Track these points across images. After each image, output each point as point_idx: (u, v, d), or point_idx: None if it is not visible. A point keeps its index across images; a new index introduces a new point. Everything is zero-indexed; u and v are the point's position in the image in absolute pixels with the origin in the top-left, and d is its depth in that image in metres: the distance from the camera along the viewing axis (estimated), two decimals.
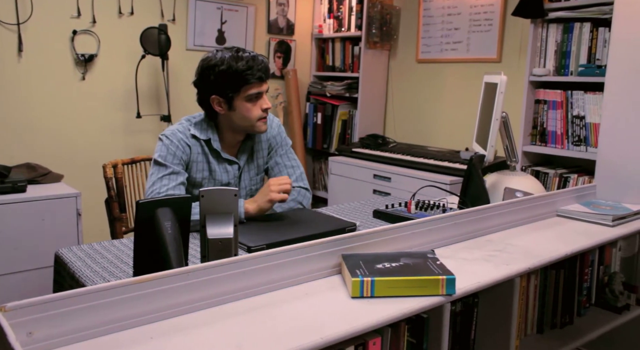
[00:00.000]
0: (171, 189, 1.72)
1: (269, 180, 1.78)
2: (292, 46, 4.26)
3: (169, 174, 1.75)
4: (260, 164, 1.97)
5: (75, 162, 3.32)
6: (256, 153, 1.96)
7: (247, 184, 1.95)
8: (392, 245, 1.28)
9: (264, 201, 1.72)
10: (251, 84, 1.77)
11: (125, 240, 1.59)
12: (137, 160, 2.25)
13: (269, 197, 1.72)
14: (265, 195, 1.73)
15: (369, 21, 3.82)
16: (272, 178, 1.80)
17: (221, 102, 1.79)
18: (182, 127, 1.84)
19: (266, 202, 1.72)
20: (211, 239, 1.06)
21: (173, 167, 1.76)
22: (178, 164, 1.78)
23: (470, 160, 1.91)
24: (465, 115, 3.54)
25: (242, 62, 1.75)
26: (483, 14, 3.37)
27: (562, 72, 2.79)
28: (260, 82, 1.79)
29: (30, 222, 2.65)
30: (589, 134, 2.67)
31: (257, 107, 1.80)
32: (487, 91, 2.11)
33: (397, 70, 4.02)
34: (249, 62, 1.75)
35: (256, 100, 1.80)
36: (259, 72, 1.77)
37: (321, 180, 4.39)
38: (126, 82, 3.45)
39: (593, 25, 2.66)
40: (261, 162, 1.98)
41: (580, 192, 1.97)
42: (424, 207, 1.85)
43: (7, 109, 3.07)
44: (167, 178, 1.74)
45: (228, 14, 3.87)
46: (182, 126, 1.85)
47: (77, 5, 3.21)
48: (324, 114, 4.22)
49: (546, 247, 1.44)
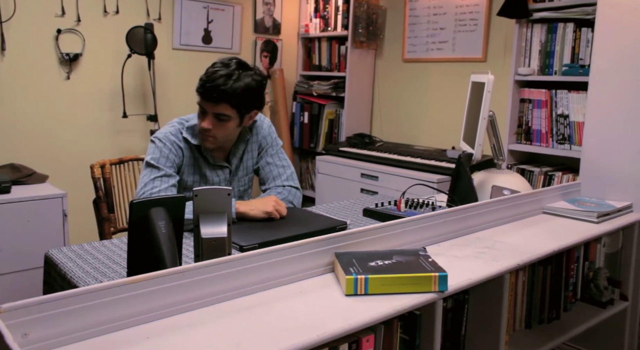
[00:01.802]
0: (163, 190, 1.71)
1: (273, 196, 1.80)
2: (279, 45, 4.26)
3: (160, 176, 1.74)
4: (249, 165, 1.97)
5: (60, 162, 3.28)
6: (246, 155, 1.95)
7: (236, 184, 1.95)
8: (384, 243, 1.29)
9: (259, 210, 1.72)
10: (199, 95, 1.75)
11: (115, 241, 1.58)
12: (125, 160, 2.24)
13: (267, 209, 1.72)
14: (264, 205, 1.73)
15: (355, 21, 3.84)
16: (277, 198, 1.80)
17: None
18: (175, 130, 1.83)
19: (261, 212, 1.71)
20: (205, 238, 1.06)
21: (165, 169, 1.75)
22: (170, 167, 1.77)
23: (459, 158, 1.93)
24: (451, 114, 3.57)
25: (205, 73, 1.74)
26: (468, 14, 3.40)
27: (547, 71, 2.83)
28: (204, 99, 1.74)
29: (15, 224, 2.62)
30: (572, 132, 2.71)
31: (201, 122, 1.78)
32: (474, 90, 2.13)
33: (383, 69, 4.04)
34: (207, 75, 1.73)
35: (202, 115, 1.77)
36: (206, 89, 1.72)
37: (308, 179, 4.39)
38: (112, 81, 3.42)
39: (576, 25, 2.70)
40: (250, 164, 1.97)
41: (565, 189, 2.00)
42: (414, 206, 1.86)
43: None
44: (159, 180, 1.73)
45: (214, 14, 3.86)
46: (175, 128, 1.84)
47: (61, 3, 3.18)
48: (310, 114, 4.23)
49: (534, 244, 1.46)
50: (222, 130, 1.77)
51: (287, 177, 1.96)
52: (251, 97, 1.77)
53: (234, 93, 1.71)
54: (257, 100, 1.81)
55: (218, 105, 1.72)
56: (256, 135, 1.96)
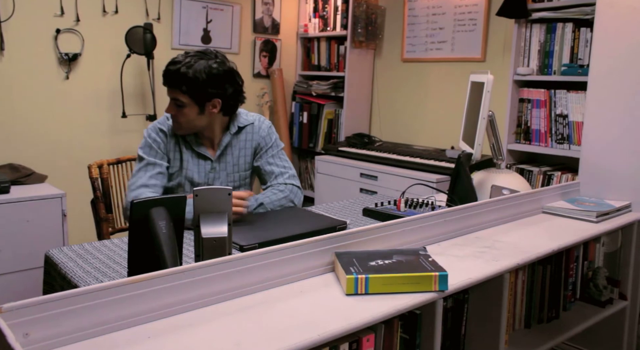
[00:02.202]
0: (146, 179, 1.77)
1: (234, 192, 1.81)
2: (278, 45, 4.26)
3: (144, 166, 1.81)
4: (241, 163, 1.97)
5: (59, 162, 3.28)
6: (239, 151, 1.96)
7: (224, 180, 1.95)
8: (384, 242, 1.30)
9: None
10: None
11: (116, 241, 1.58)
12: (122, 160, 2.24)
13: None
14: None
15: (354, 21, 3.84)
16: (235, 191, 1.80)
17: None
18: (163, 118, 1.90)
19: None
20: (205, 238, 1.06)
21: (149, 158, 1.81)
22: (155, 155, 1.83)
23: (458, 158, 1.94)
24: (450, 114, 3.57)
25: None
26: (467, 13, 3.40)
27: (546, 71, 2.83)
28: (164, 84, 1.81)
29: (15, 224, 2.62)
30: (571, 132, 2.72)
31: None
32: (474, 90, 2.14)
33: (382, 69, 4.04)
34: (168, 65, 1.79)
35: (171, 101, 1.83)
36: (164, 76, 1.80)
37: (307, 179, 4.40)
38: (111, 81, 3.42)
39: (575, 25, 2.70)
40: (243, 161, 1.97)
41: (564, 189, 2.00)
42: (413, 205, 1.87)
43: None
44: (144, 170, 1.80)
45: (213, 13, 3.86)
46: (164, 116, 1.90)
47: (60, 3, 3.17)
48: (309, 113, 4.23)
49: (533, 243, 1.47)
50: (182, 116, 1.81)
51: (289, 176, 1.96)
52: (205, 84, 1.76)
53: (183, 78, 1.75)
54: (215, 88, 1.79)
55: (173, 90, 1.79)
56: (252, 134, 1.96)
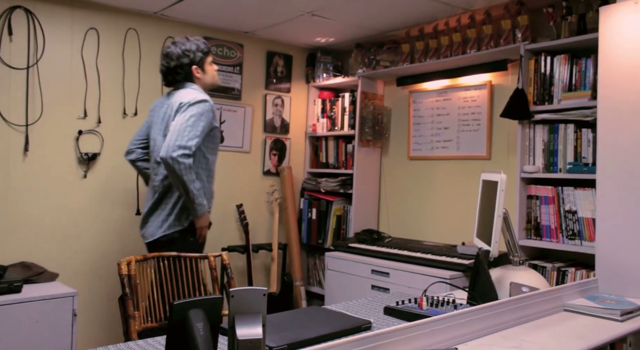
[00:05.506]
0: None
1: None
2: (287, 144, 4.42)
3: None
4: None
5: (71, 260, 3.28)
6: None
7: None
8: (413, 343, 1.29)
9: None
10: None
11: (140, 342, 1.56)
12: (148, 258, 2.25)
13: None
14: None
15: (361, 121, 4.01)
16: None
17: None
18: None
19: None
20: (241, 339, 1.06)
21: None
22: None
23: (477, 256, 1.96)
24: (458, 210, 3.63)
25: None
26: (471, 114, 3.57)
27: (551, 169, 2.92)
28: None
29: (24, 325, 2.57)
30: (582, 228, 2.75)
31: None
32: (486, 188, 2.20)
33: (389, 166, 4.16)
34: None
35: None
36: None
37: (315, 275, 4.35)
38: (127, 179, 3.50)
39: (576, 126, 2.83)
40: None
41: (583, 286, 2.01)
42: (435, 304, 1.86)
43: (6, 208, 3.08)
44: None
45: (227, 114, 4.05)
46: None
47: (84, 106, 3.34)
48: (318, 210, 4.29)
49: (561, 344, 1.45)
50: None
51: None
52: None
53: None
54: None
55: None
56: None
